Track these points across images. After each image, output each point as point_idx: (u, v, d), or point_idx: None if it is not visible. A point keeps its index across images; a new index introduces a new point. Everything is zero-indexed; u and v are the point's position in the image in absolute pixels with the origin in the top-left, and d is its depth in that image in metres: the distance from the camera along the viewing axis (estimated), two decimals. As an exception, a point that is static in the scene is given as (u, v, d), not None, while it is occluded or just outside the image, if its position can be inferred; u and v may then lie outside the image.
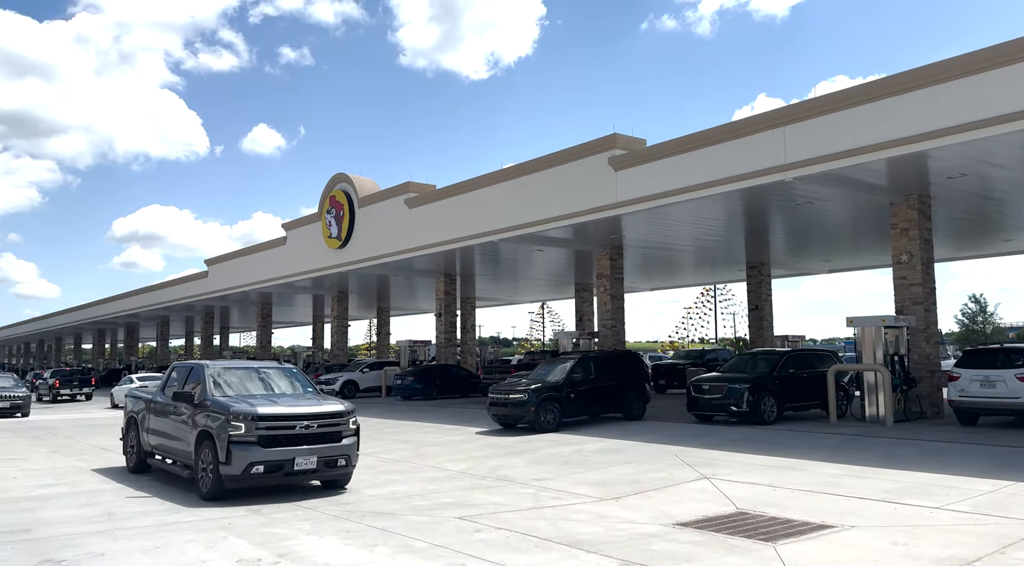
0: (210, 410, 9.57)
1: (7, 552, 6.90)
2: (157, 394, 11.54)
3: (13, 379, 28.07)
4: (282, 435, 9.26)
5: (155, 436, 11.15)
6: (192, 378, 10.67)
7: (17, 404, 25.36)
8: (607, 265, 24.44)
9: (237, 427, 9.10)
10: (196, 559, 6.59)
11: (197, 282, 45.64)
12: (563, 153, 21.38)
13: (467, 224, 24.79)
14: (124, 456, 12.31)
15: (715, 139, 17.14)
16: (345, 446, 9.72)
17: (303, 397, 10.41)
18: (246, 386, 10.53)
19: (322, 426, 9.56)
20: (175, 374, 11.50)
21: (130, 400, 12.47)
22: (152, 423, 11.29)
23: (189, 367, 11.19)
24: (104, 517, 8.47)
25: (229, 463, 9.01)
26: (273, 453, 9.14)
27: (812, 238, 25.28)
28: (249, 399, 9.80)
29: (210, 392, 9.99)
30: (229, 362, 11.42)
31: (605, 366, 18.85)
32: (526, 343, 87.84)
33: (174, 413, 10.56)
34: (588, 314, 34.82)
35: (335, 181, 32.90)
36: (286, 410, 9.49)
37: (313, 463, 9.32)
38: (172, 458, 10.61)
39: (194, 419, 9.86)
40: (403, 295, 42.38)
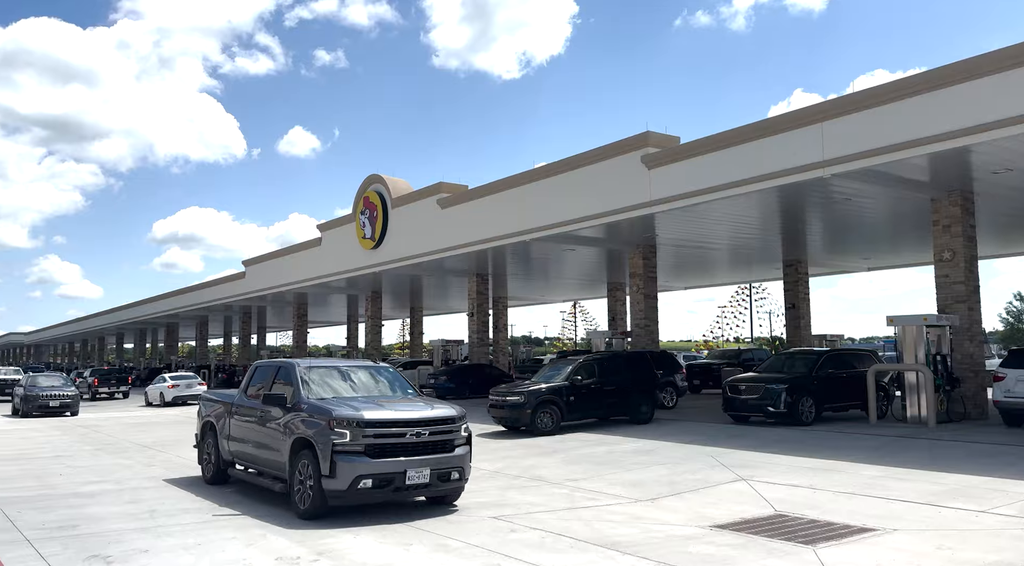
0: (307, 414, 8.52)
1: (55, 547, 7.10)
2: (238, 397, 10.42)
3: (62, 378, 28.46)
4: (391, 444, 8.17)
5: (237, 444, 10.04)
6: (281, 379, 9.58)
7: (66, 403, 25.49)
8: (640, 264, 24.28)
9: (341, 434, 8.02)
10: (236, 557, 6.70)
11: (235, 283, 46.41)
12: (595, 152, 21.29)
13: (499, 224, 24.81)
14: (200, 466, 11.17)
15: (751, 136, 16.92)
16: (458, 456, 8.57)
17: (408, 400, 9.30)
18: (342, 387, 9.46)
19: (434, 433, 8.44)
20: (258, 374, 10.37)
21: (205, 404, 11.43)
22: (234, 429, 10.17)
23: (275, 366, 10.04)
24: (147, 514, 8.66)
25: (333, 476, 7.88)
26: (383, 465, 8.02)
27: (850, 235, 24.81)
28: (350, 402, 8.72)
29: (305, 394, 8.93)
30: (320, 361, 10.25)
31: (611, 368, 18.28)
32: (558, 342, 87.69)
33: (262, 418, 9.42)
34: (621, 313, 34.61)
35: (369, 182, 33.20)
36: (395, 415, 8.40)
37: (426, 476, 8.20)
38: (259, 468, 9.50)
39: (288, 425, 8.77)
40: (436, 295, 42.60)
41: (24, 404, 25.11)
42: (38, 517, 8.49)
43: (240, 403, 10.22)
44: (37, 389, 25.54)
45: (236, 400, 10.36)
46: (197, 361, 60.05)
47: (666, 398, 22.17)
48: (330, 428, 8.07)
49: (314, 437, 8.20)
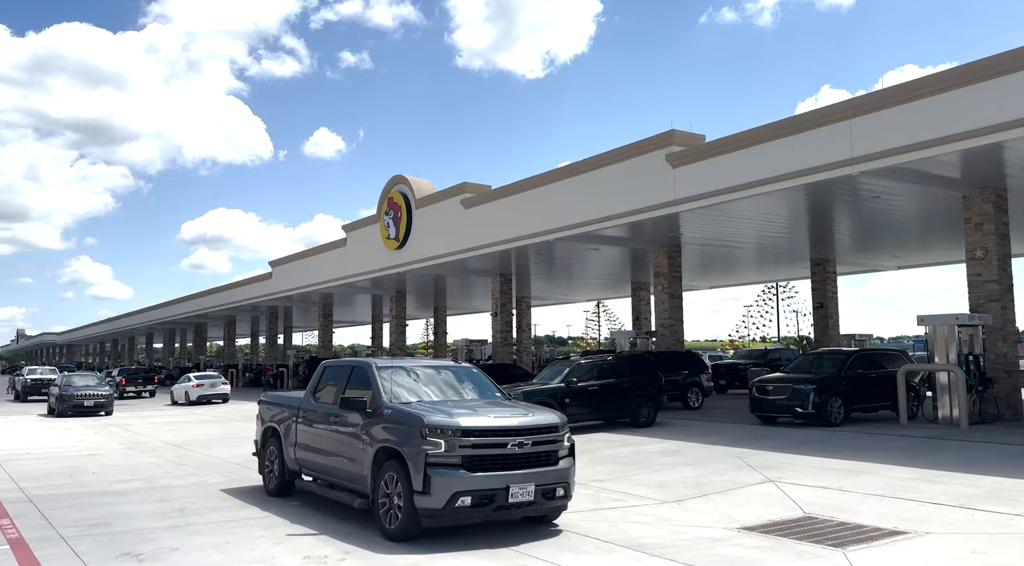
0: (392, 421, 7.56)
1: (88, 544, 7.22)
2: (304, 400, 9.46)
3: (96, 378, 28.54)
4: (491, 455, 7.15)
5: (306, 452, 9.06)
6: (356, 380, 8.61)
7: (101, 402, 25.50)
8: (665, 263, 24.14)
9: (435, 444, 7.02)
10: (264, 555, 6.77)
11: (262, 283, 46.95)
12: (619, 151, 21.21)
13: (522, 224, 24.81)
14: (261, 475, 10.19)
15: (778, 133, 16.75)
16: (563, 470, 7.50)
17: (502, 405, 8.29)
18: (425, 390, 8.49)
19: (538, 443, 7.38)
20: (328, 375, 9.39)
21: (266, 407, 10.37)
22: (301, 436, 9.18)
23: (348, 367, 9.07)
24: (177, 512, 8.78)
25: (427, 492, 6.91)
26: (483, 480, 7.00)
27: (879, 234, 24.46)
28: (441, 407, 7.74)
29: (387, 397, 7.98)
30: (398, 360, 9.26)
31: (611, 370, 17.97)
32: (582, 342, 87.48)
33: (336, 424, 8.47)
34: (645, 313, 34.45)
35: (393, 183, 33.37)
36: (494, 422, 7.36)
37: (530, 493, 7.15)
38: (332, 480, 8.59)
39: (369, 433, 7.79)
40: (459, 295, 42.73)
41: (59, 404, 25.25)
42: (72, 515, 8.65)
43: (308, 407, 9.23)
44: (72, 389, 25.63)
45: (303, 404, 9.40)
46: (225, 361, 60.85)
47: (692, 399, 22.05)
48: (422, 437, 7.07)
49: (403, 447, 7.22)
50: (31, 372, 39.22)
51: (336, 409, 8.49)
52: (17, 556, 6.82)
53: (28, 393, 35.39)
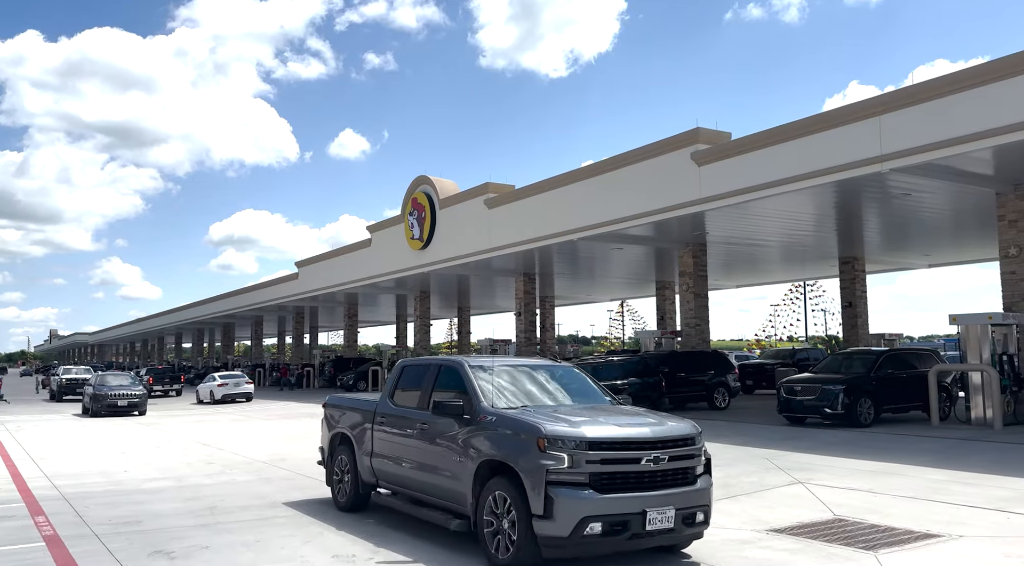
0: (498, 430, 6.45)
1: (121, 542, 7.35)
2: (380, 403, 8.42)
3: (130, 377, 28.48)
4: (623, 473, 6.01)
5: (387, 463, 8.01)
6: (445, 382, 7.56)
7: (134, 402, 25.50)
8: (690, 262, 23.98)
9: (557, 458, 5.88)
10: (294, 554, 6.83)
11: (288, 283, 47.43)
12: (644, 149, 21.10)
13: (546, 224, 24.79)
14: (330, 488, 9.11)
15: (805, 130, 16.56)
16: (702, 491, 6.36)
17: (621, 411, 7.03)
18: (528, 393, 7.35)
19: (674, 458, 6.24)
20: (408, 376, 8.31)
21: (335, 411, 9.30)
22: (380, 444, 8.17)
23: (434, 366, 7.97)
24: (207, 511, 8.90)
25: (549, 517, 5.78)
26: (615, 503, 5.86)
27: (910, 231, 24.08)
28: (554, 413, 6.58)
29: (488, 402, 6.85)
30: (489, 359, 7.93)
31: (604, 372, 17.79)
32: (605, 342, 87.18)
33: (425, 432, 7.39)
34: (670, 312, 34.26)
35: (417, 183, 33.53)
36: (624, 432, 6.20)
37: (670, 519, 5.98)
38: (420, 497, 7.50)
39: (469, 443, 6.70)
40: (483, 294, 42.80)
41: (93, 403, 25.27)
42: (105, 512, 8.81)
43: (387, 412, 8.19)
44: (106, 389, 25.65)
45: (380, 408, 8.38)
46: (252, 360, 61.55)
47: (718, 399, 21.90)
48: (540, 450, 5.94)
49: (515, 461, 6.09)
50: (66, 372, 39.38)
51: (423, 415, 7.47)
52: (53, 553, 6.96)
53: (63, 393, 35.39)
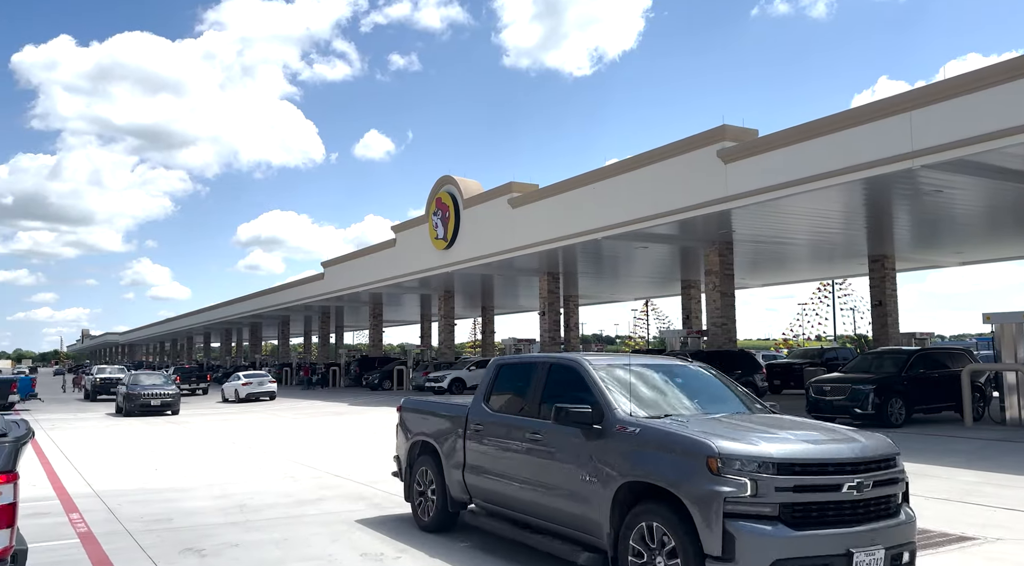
0: (644, 444, 5.19)
1: (153, 539, 7.45)
2: (473, 407, 7.19)
3: (163, 377, 28.35)
4: (822, 502, 4.77)
5: (486, 479, 6.78)
6: (560, 383, 6.32)
7: (167, 401, 25.35)
8: (716, 261, 23.78)
9: (736, 484, 4.64)
10: (322, 552, 6.88)
11: (315, 283, 47.85)
12: (669, 147, 20.96)
13: (570, 223, 24.73)
14: (410, 503, 8.00)
15: (834, 127, 16.33)
16: (907, 525, 5.08)
17: (797, 423, 5.74)
18: (667, 399, 6.09)
19: (878, 484, 4.96)
20: (507, 377, 7.17)
21: (414, 416, 8.11)
22: (475, 456, 6.95)
23: (544, 365, 6.65)
24: (236, 509, 9.00)
25: (731, 559, 4.59)
26: (813, 542, 4.63)
27: (941, 228, 23.65)
28: (717, 424, 5.40)
29: (623, 410, 5.56)
30: (614, 357, 6.67)
31: None
32: (629, 341, 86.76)
33: (539, 443, 6.13)
34: (696, 312, 34.01)
35: (441, 183, 33.63)
36: (818, 450, 4.94)
37: (879, 561, 4.75)
38: (532, 521, 6.21)
39: (603, 459, 5.43)
40: (507, 294, 42.82)
41: (127, 403, 25.21)
42: (136, 510, 8.94)
43: (484, 419, 6.95)
44: (139, 388, 25.50)
45: (473, 413, 7.14)
46: (279, 359, 62.20)
47: (745, 398, 21.68)
48: (712, 472, 4.68)
49: (676, 485, 4.84)
50: (100, 371, 39.65)
51: (534, 423, 6.27)
52: (87, 549, 7.08)
53: (97, 392, 35.36)
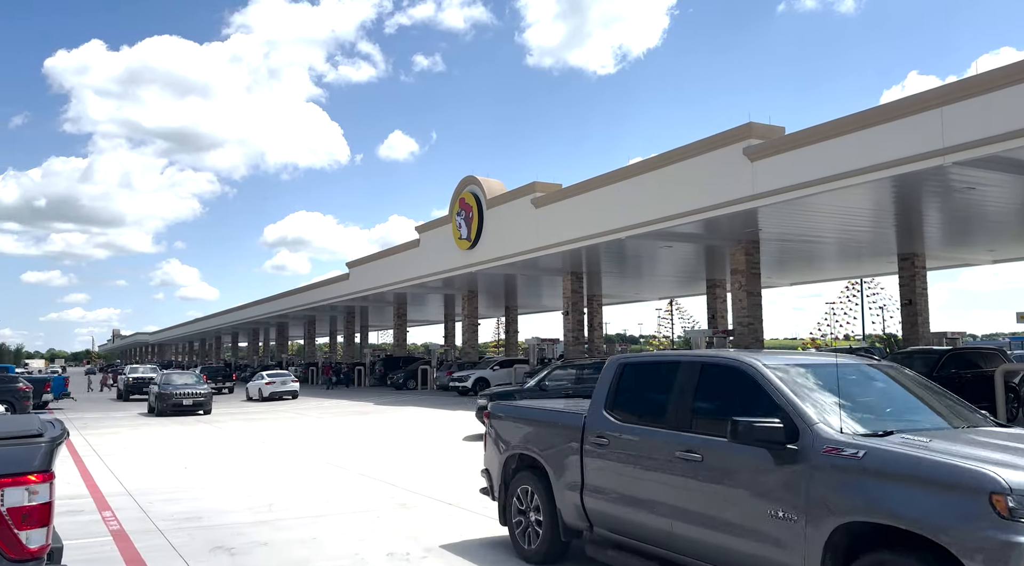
0: (874, 473, 3.94)
1: (184, 538, 7.55)
2: (591, 414, 5.85)
3: (195, 376, 28.07)
4: None
5: (617, 504, 5.47)
6: (716, 389, 5.07)
7: (199, 401, 25.07)
8: (742, 260, 23.56)
9: None
10: (350, 551, 6.92)
11: (340, 284, 48.22)
12: (694, 145, 20.82)
13: (593, 222, 24.66)
14: (508, 529, 6.71)
15: (863, 124, 16.11)
16: None
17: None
18: (872, 407, 4.92)
19: None
20: (636, 379, 5.79)
21: (508, 424, 6.80)
22: (599, 475, 5.64)
23: (694, 366, 5.26)
24: (265, 507, 9.09)
25: None
26: None
27: (973, 226, 23.22)
28: (961, 442, 4.24)
29: (829, 425, 4.35)
30: (778, 355, 5.38)
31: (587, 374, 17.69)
32: (654, 341, 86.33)
33: (701, 465, 4.82)
34: (721, 311, 33.75)
35: (464, 184, 33.71)
36: None
37: None
38: (691, 561, 4.92)
39: (806, 491, 4.20)
40: (530, 294, 42.81)
41: (159, 403, 24.97)
42: (167, 508, 9.06)
43: (612, 430, 5.59)
44: (171, 388, 25.28)
45: (593, 422, 5.79)
46: (305, 359, 62.77)
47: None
48: (1000, 515, 3.43)
49: (941, 532, 3.58)
50: (132, 370, 39.22)
51: (690, 438, 4.92)
52: (120, 547, 7.19)
53: (130, 392, 35.23)
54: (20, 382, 24.81)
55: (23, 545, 3.32)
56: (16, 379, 25.59)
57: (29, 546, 3.33)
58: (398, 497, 9.55)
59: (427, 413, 23.64)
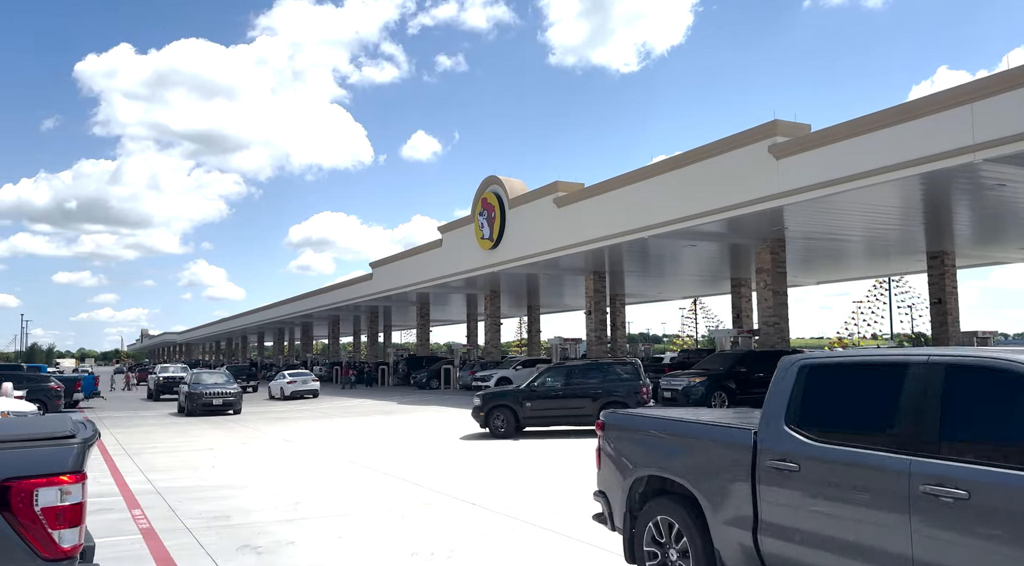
0: None
1: (212, 537, 7.64)
2: (766, 432, 4.50)
3: (225, 375, 27.57)
4: None
5: (817, 552, 4.10)
6: (974, 400, 3.70)
7: (229, 401, 24.63)
8: (768, 259, 23.33)
9: None
10: (375, 550, 6.95)
11: (363, 284, 48.52)
12: (718, 143, 20.65)
13: (616, 221, 24.55)
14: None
15: (891, 120, 15.87)
16: None
17: None
18: None
19: None
20: (835, 385, 4.45)
21: (634, 437, 5.53)
22: (781, 511, 4.33)
23: (935, 368, 3.85)
24: (291, 506, 9.17)
25: None
26: None
27: (1005, 223, 22.78)
28: None
29: None
30: None
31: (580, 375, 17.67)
32: (677, 340, 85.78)
33: (962, 505, 3.44)
34: (747, 310, 33.45)
35: (486, 184, 33.74)
36: None
37: None
38: None
39: None
40: (553, 293, 42.75)
41: (188, 402, 24.52)
42: (195, 507, 9.17)
43: (804, 452, 4.27)
44: (200, 387, 24.86)
45: (769, 439, 4.48)
46: (329, 358, 63.25)
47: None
48: None
49: None
50: (163, 369, 38.65)
51: (950, 469, 3.56)
52: (149, 545, 7.29)
53: (161, 391, 34.86)
54: (52, 381, 25.27)
55: (57, 544, 3.38)
56: (48, 378, 26.06)
57: (62, 545, 3.39)
58: (422, 496, 9.58)
59: (450, 413, 23.70)
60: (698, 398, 20.04)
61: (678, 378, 21.12)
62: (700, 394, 20.05)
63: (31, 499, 3.33)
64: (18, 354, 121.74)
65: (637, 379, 17.21)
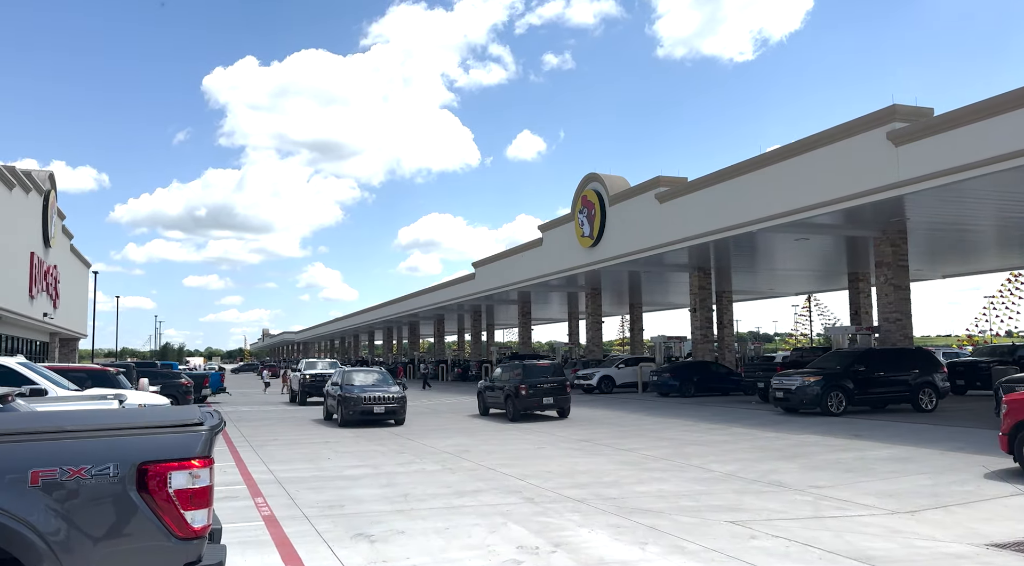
0: None
1: (327, 524, 8.01)
2: None
3: (379, 373, 21.82)
4: None
5: None
6: None
7: (391, 408, 19.51)
8: (888, 251, 22.07)
9: None
10: (481, 542, 7.09)
11: (466, 283, 49.44)
12: (832, 131, 19.73)
13: (721, 215, 23.89)
14: None
15: (1022, 102, 14.65)
16: None
17: None
18: None
19: None
20: None
21: None
22: None
23: None
24: (401, 497, 9.47)
25: None
26: None
27: None
28: None
29: None
30: None
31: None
32: (790, 339, 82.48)
33: None
34: (865, 306, 31.76)
35: (587, 181, 33.62)
36: None
37: None
38: None
39: None
40: (655, 291, 42.08)
41: (343, 409, 19.48)
42: (312, 496, 9.64)
43: None
44: (355, 390, 19.84)
45: None
46: (435, 356, 64.79)
47: (924, 400, 20.05)
48: None
49: None
50: (310, 366, 31.63)
51: None
52: (270, 531, 7.73)
53: (308, 393, 29.01)
54: (183, 378, 27.13)
55: (189, 524, 3.66)
56: (179, 375, 27.97)
57: (194, 525, 3.68)
58: (526, 492, 9.68)
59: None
60: (813, 398, 19.21)
61: (791, 377, 20.27)
62: (815, 394, 19.21)
63: (166, 481, 3.63)
64: (152, 353, 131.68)
65: None
